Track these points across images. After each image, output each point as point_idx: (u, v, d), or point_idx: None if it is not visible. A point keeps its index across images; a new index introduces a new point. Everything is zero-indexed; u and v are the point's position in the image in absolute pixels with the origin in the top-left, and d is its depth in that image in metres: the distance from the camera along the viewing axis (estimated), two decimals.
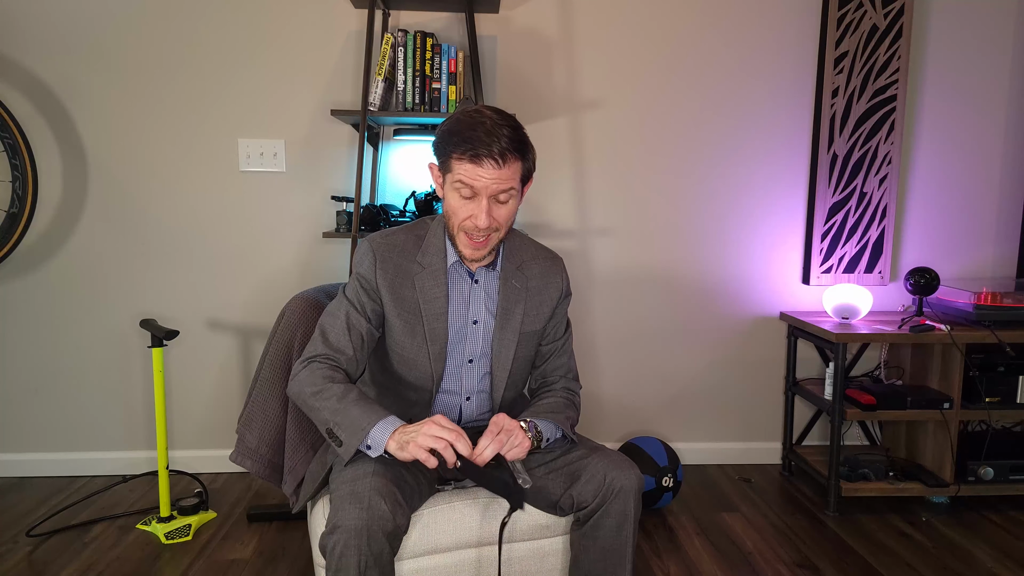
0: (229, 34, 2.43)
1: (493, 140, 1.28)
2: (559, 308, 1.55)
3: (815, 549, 2.12)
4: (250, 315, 2.56)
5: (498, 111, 1.34)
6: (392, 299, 1.43)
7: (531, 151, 1.37)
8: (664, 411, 2.73)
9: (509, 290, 1.48)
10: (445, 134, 1.33)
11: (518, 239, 1.55)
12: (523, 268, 1.51)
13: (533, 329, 1.51)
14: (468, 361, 1.49)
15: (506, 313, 1.47)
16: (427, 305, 1.43)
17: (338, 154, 2.51)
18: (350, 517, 1.17)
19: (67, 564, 1.98)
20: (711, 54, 2.55)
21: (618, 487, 1.31)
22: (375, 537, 1.17)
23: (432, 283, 1.43)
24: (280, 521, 2.25)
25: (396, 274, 1.43)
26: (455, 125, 1.32)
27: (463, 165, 1.30)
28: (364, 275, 1.43)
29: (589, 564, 1.36)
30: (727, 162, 2.60)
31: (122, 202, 2.48)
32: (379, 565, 1.18)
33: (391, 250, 1.44)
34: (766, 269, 2.67)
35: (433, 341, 1.44)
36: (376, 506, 1.19)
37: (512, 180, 1.33)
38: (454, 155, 1.31)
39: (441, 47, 2.26)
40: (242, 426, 1.56)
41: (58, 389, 2.55)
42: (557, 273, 1.55)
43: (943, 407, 2.30)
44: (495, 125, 1.30)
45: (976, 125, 2.64)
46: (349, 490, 1.23)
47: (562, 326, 1.58)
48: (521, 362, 1.52)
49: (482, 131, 1.29)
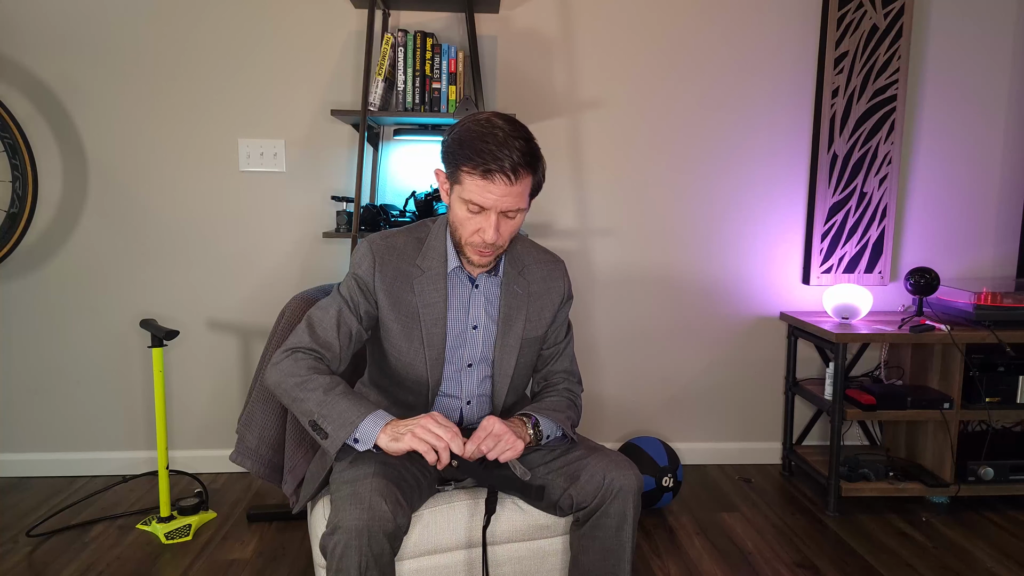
0: (229, 34, 2.43)
1: (505, 155, 1.24)
2: (560, 312, 1.54)
3: (815, 549, 2.12)
4: (250, 315, 2.56)
5: (510, 120, 1.30)
6: (390, 302, 1.41)
7: (542, 163, 1.33)
8: (664, 411, 2.73)
9: (511, 296, 1.47)
10: (455, 143, 1.29)
11: (520, 242, 1.54)
12: (525, 272, 1.49)
13: (535, 335, 1.50)
14: (468, 365, 1.48)
15: (508, 320, 1.46)
16: (425, 310, 1.42)
17: (338, 154, 2.51)
18: (351, 517, 1.17)
19: (67, 564, 1.98)
20: (711, 54, 2.55)
21: (617, 487, 1.31)
22: (376, 537, 1.17)
23: (431, 288, 1.42)
24: (280, 521, 2.25)
25: (395, 277, 1.41)
26: (465, 134, 1.27)
27: (474, 180, 1.27)
28: (362, 276, 1.41)
29: (588, 564, 1.36)
30: (727, 162, 2.60)
31: (122, 202, 2.48)
32: (379, 566, 1.18)
33: (390, 252, 1.42)
34: (766, 269, 2.67)
35: (430, 346, 1.43)
36: (377, 506, 1.19)
37: (522, 197, 1.30)
38: (464, 168, 1.27)
39: (441, 47, 2.26)
40: (242, 426, 1.56)
41: (58, 389, 2.55)
42: (559, 277, 1.53)
43: (943, 407, 2.30)
44: (508, 137, 1.25)
45: (976, 125, 2.64)
46: (350, 491, 1.23)
47: (563, 330, 1.57)
48: (523, 368, 1.52)
49: (494, 143, 1.24)
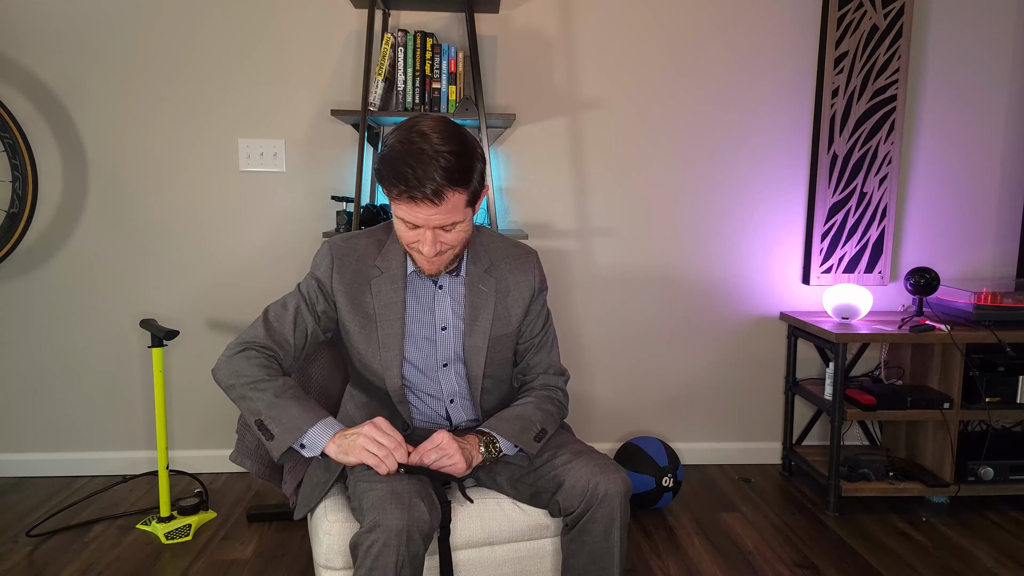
0: (229, 34, 2.43)
1: (427, 179, 1.18)
2: (533, 305, 1.49)
3: (815, 549, 2.12)
4: (250, 315, 2.56)
5: (442, 129, 1.22)
6: (348, 304, 1.40)
7: (475, 172, 1.25)
8: (664, 411, 2.73)
9: (476, 295, 1.44)
10: (383, 161, 1.23)
11: (487, 237, 1.49)
12: (492, 270, 1.46)
13: (505, 332, 1.46)
14: (443, 365, 1.46)
15: (473, 320, 1.43)
16: (382, 310, 1.40)
17: (338, 154, 2.51)
18: (392, 517, 1.17)
19: (67, 564, 1.98)
20: (711, 54, 2.55)
21: (603, 492, 1.30)
22: (414, 539, 1.17)
23: (389, 288, 1.40)
24: (280, 521, 2.25)
25: (354, 279, 1.40)
26: (390, 152, 1.22)
27: (400, 204, 1.24)
28: (320, 277, 1.41)
29: (578, 568, 1.35)
30: (727, 162, 2.60)
31: (122, 202, 2.48)
32: (413, 566, 1.18)
33: (350, 254, 1.41)
34: (766, 269, 2.67)
35: (386, 348, 1.40)
36: (417, 507, 1.19)
37: (454, 212, 1.25)
38: (390, 192, 1.24)
39: (441, 47, 2.26)
40: (242, 426, 1.56)
41: (58, 389, 2.55)
42: (529, 270, 1.48)
43: (943, 407, 2.30)
44: (434, 154, 1.19)
45: (976, 125, 2.64)
46: (389, 490, 1.22)
47: (539, 322, 1.51)
48: (498, 365, 1.48)
49: (417, 164, 1.18)
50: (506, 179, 2.56)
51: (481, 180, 1.30)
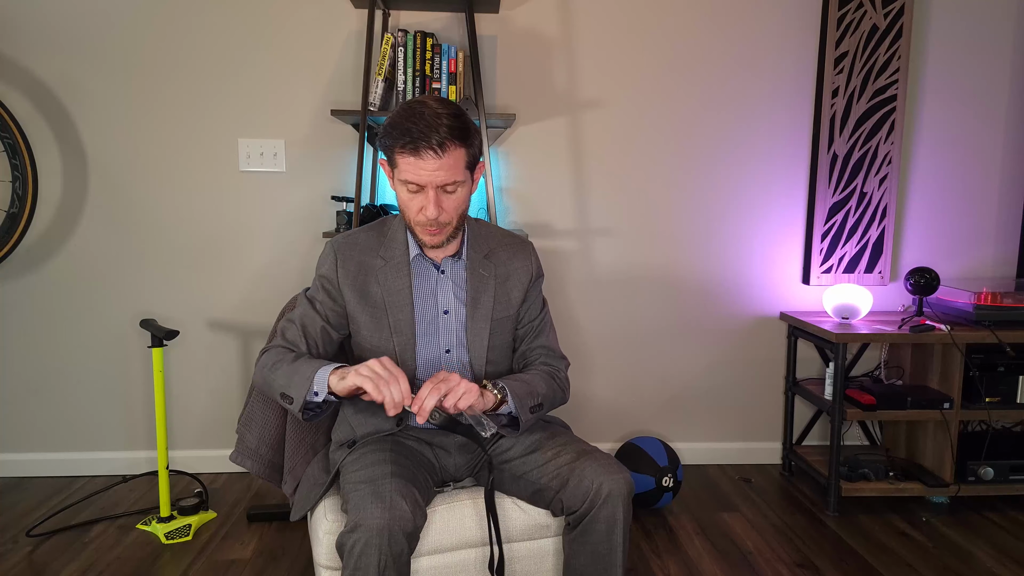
0: (229, 34, 2.43)
1: (432, 131, 1.27)
2: (531, 291, 1.54)
3: (815, 549, 2.12)
4: (250, 315, 2.56)
5: (441, 101, 1.33)
6: (356, 296, 1.44)
7: (475, 136, 1.35)
8: (664, 411, 2.73)
9: (477, 279, 1.48)
10: (387, 127, 1.32)
11: (484, 227, 1.55)
12: (491, 256, 1.51)
13: (506, 315, 1.50)
14: (446, 351, 1.48)
15: (475, 302, 1.47)
16: (391, 297, 1.44)
17: (338, 154, 2.51)
18: (373, 516, 1.17)
19: (67, 564, 1.98)
20: (711, 54, 2.55)
21: (606, 492, 1.30)
22: (396, 537, 1.17)
23: (395, 275, 1.44)
24: (280, 521, 2.25)
25: (359, 271, 1.44)
26: (395, 118, 1.31)
27: (405, 159, 1.30)
28: (326, 275, 1.45)
29: (580, 568, 1.36)
30: (727, 162, 2.60)
31: (122, 202, 2.48)
32: (397, 565, 1.18)
33: (352, 248, 1.45)
34: (766, 269, 2.67)
35: (398, 332, 1.44)
36: (398, 506, 1.19)
37: (455, 169, 1.31)
38: (395, 148, 1.31)
39: (441, 47, 2.26)
40: (242, 426, 1.56)
41: (58, 389, 2.55)
42: (526, 256, 1.54)
43: (943, 407, 2.30)
44: (435, 115, 1.28)
45: (976, 125, 2.64)
46: (371, 489, 1.23)
47: (537, 307, 1.56)
48: (499, 349, 1.52)
49: (421, 123, 1.27)
50: (506, 179, 2.56)
51: (479, 149, 1.38)
